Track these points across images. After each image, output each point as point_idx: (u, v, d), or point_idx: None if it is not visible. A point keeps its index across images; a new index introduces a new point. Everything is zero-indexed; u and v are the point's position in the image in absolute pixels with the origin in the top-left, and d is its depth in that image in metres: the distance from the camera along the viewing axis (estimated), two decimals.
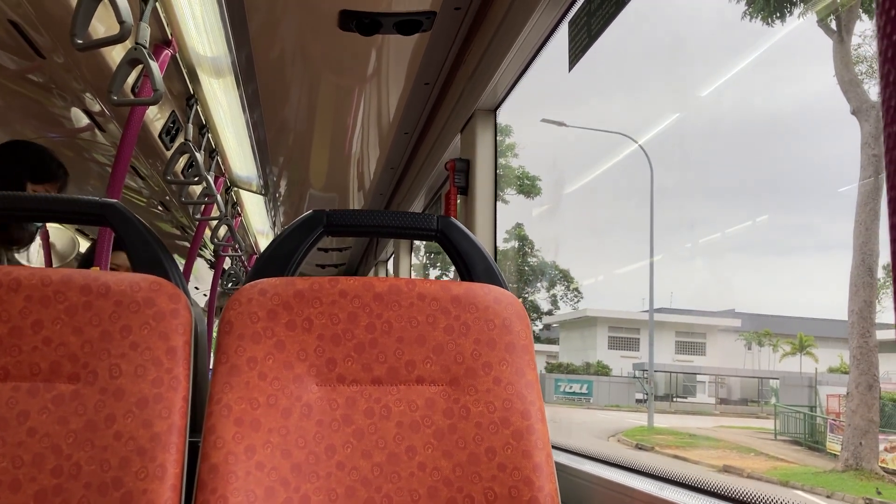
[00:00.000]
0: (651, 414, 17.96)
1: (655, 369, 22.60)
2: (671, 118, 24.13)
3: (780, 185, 29.58)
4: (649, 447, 14.64)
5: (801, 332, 23.19)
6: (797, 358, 23.09)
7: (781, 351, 23.79)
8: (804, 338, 23.13)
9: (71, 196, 1.11)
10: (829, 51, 10.45)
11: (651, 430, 16.94)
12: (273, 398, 0.99)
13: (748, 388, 23.37)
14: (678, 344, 26.95)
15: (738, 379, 23.42)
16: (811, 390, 15.60)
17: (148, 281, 1.03)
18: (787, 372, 21.09)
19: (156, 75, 1.75)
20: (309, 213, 1.13)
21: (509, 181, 23.56)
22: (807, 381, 17.13)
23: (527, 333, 1.10)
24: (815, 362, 22.03)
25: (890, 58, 0.38)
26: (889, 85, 0.38)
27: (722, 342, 26.58)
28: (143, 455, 0.94)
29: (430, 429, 1.03)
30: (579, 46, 1.44)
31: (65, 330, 0.99)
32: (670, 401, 23.00)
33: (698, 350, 27.03)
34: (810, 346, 23.03)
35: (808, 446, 13.70)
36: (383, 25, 1.96)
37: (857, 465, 9.65)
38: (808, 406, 14.90)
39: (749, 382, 23.45)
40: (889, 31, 0.38)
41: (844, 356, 21.40)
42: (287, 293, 1.04)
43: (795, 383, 17.90)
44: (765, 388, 22.56)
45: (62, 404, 0.97)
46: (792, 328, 23.57)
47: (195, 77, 2.54)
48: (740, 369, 24.33)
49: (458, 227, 1.16)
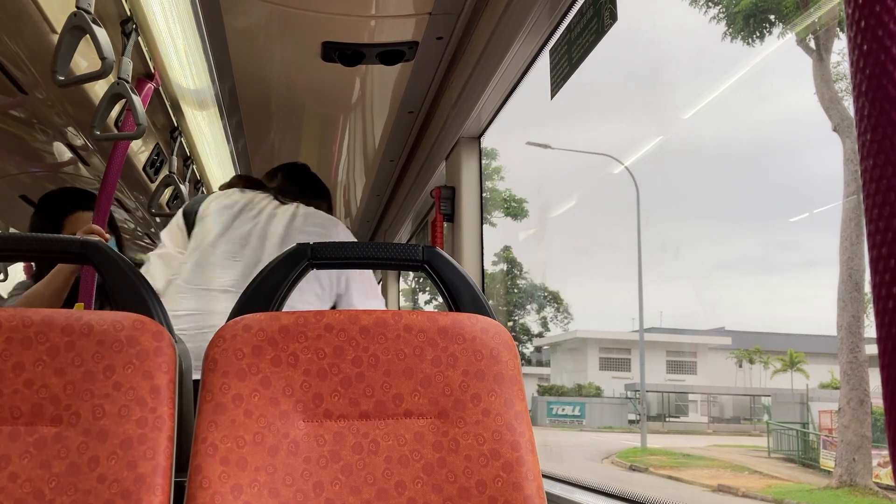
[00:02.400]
0: (644, 435, 17.85)
1: (647, 389, 22.53)
2: (654, 141, 24.30)
3: (763, 204, 29.81)
4: (643, 468, 14.54)
5: (791, 349, 23.21)
6: (788, 375, 23.08)
7: (772, 368, 23.80)
8: (794, 354, 23.13)
9: (52, 235, 1.10)
10: (807, 70, 10.59)
11: (644, 451, 16.83)
12: (259, 436, 0.98)
13: (740, 406, 23.32)
14: (669, 363, 26.91)
15: (730, 397, 23.36)
16: (803, 407, 15.53)
17: (131, 319, 1.02)
18: (779, 389, 21.05)
19: (139, 109, 1.75)
20: (293, 246, 1.12)
21: (496, 204, 23.59)
22: (798, 397, 17.07)
23: (515, 363, 1.09)
24: (805, 378, 22.03)
25: (861, 68, 0.38)
26: (861, 95, 0.38)
27: (713, 361, 26.57)
28: (127, 498, 0.92)
29: (419, 463, 1.02)
30: (561, 74, 1.45)
31: (46, 371, 0.97)
32: (663, 420, 22.90)
33: (689, 369, 27.00)
34: (801, 362, 23.04)
35: (802, 463, 13.64)
36: (366, 56, 1.97)
37: (851, 481, 9.59)
38: (800, 423, 14.84)
39: (741, 400, 23.40)
40: (860, 41, 0.38)
41: (835, 371, 21.44)
42: (272, 328, 1.03)
43: (787, 400, 17.84)
44: (756, 405, 22.49)
45: (44, 448, 0.95)
46: (782, 345, 23.60)
47: (179, 110, 2.54)
48: (731, 387, 24.30)
49: (444, 257, 1.15)
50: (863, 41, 0.39)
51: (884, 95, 0.37)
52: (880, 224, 0.37)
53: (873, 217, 0.38)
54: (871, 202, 0.38)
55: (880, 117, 0.37)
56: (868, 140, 0.38)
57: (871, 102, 0.38)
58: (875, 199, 0.37)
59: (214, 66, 2.18)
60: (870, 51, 0.38)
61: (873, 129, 0.38)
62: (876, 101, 0.38)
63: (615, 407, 23.94)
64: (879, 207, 0.37)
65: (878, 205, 0.37)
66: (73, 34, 1.53)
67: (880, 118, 0.37)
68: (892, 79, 0.37)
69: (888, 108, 0.37)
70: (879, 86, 0.37)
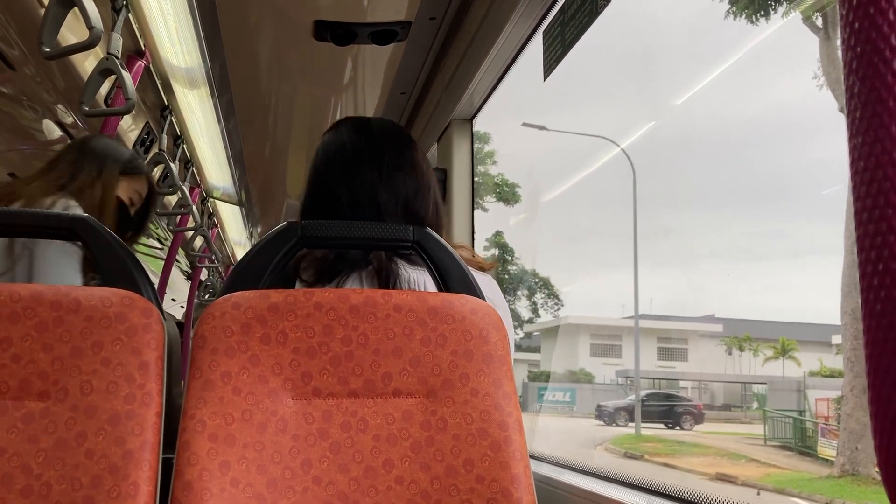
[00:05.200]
0: (638, 421, 17.62)
1: (640, 376, 22.55)
2: (646, 127, 24.24)
3: (751, 193, 29.85)
4: (638, 455, 14.25)
5: (783, 337, 23.22)
6: (780, 362, 23.10)
7: (763, 356, 23.87)
8: (786, 342, 23.14)
9: (41, 210, 1.09)
10: (802, 56, 10.52)
11: (638, 438, 16.55)
12: (248, 413, 0.98)
13: (731, 393, 23.27)
14: (660, 350, 26.87)
15: (721, 384, 23.31)
16: (799, 394, 15.38)
17: (119, 296, 1.01)
18: (774, 376, 21.01)
19: (128, 84, 1.74)
20: (283, 224, 1.12)
21: (488, 189, 23.44)
22: (794, 385, 16.88)
23: (504, 344, 1.09)
24: (797, 366, 22.07)
25: (855, 69, 0.38)
26: (854, 97, 0.38)
27: (704, 348, 26.58)
28: (115, 473, 0.92)
29: (407, 441, 1.02)
30: (554, 56, 1.45)
31: (34, 347, 0.97)
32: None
33: (680, 356, 26.99)
34: (793, 349, 23.04)
35: (799, 451, 13.38)
36: (358, 35, 1.96)
37: (853, 471, 9.38)
38: (796, 410, 14.71)
39: (732, 388, 23.32)
40: (853, 43, 0.38)
41: (824, 359, 21.50)
42: (261, 306, 1.03)
43: (783, 388, 17.67)
44: (747, 393, 22.43)
45: (32, 422, 0.95)
46: (771, 333, 23.66)
47: (169, 88, 2.53)
48: (723, 374, 24.25)
49: (434, 238, 1.15)
50: (857, 43, 0.38)
51: (874, 73, 0.37)
52: (867, 202, 0.37)
53: (860, 195, 0.38)
54: (860, 205, 0.38)
55: (870, 95, 0.37)
56: (859, 143, 0.38)
57: (861, 80, 0.38)
58: (863, 177, 0.38)
59: (206, 44, 2.16)
60: (861, 29, 0.38)
61: (863, 106, 0.38)
62: (867, 78, 0.38)
63: (606, 393, 23.93)
64: (867, 185, 0.37)
65: (865, 182, 0.37)
66: (60, 4, 1.52)
67: (870, 96, 0.37)
68: (883, 57, 0.37)
69: (878, 85, 0.37)
70: (870, 63, 0.37)
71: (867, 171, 0.37)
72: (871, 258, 0.36)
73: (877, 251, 0.36)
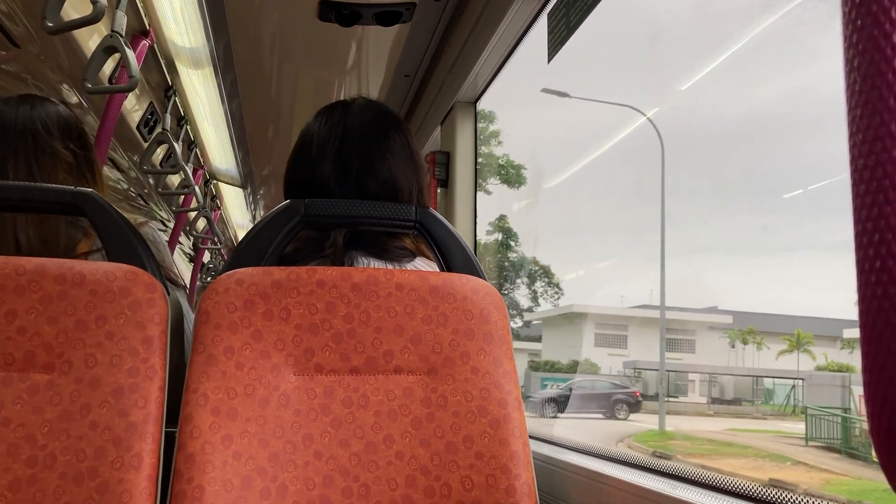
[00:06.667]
0: (662, 417, 16.23)
1: (646, 367, 22.17)
2: (648, 113, 23.92)
3: (749, 186, 29.60)
4: (668, 455, 12.70)
5: (798, 329, 22.71)
6: (794, 355, 22.56)
7: (766, 348, 23.56)
8: (802, 335, 22.63)
9: (44, 185, 1.09)
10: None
11: (663, 434, 15.35)
12: (250, 388, 0.99)
13: (740, 387, 22.47)
14: (667, 341, 26.43)
15: (731, 377, 22.65)
16: (844, 390, 14.36)
17: (123, 270, 1.02)
18: (812, 372, 20.16)
19: (132, 62, 1.74)
20: (286, 202, 1.12)
21: (492, 170, 22.86)
22: (837, 380, 15.85)
23: (504, 323, 1.10)
24: (812, 359, 21.59)
25: (856, 67, 0.38)
26: (854, 94, 0.38)
27: (711, 340, 26.19)
28: (118, 445, 0.93)
29: (407, 418, 1.03)
30: (558, 38, 1.45)
31: (39, 319, 0.98)
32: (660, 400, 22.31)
33: (688, 347, 26.54)
34: (808, 343, 22.47)
35: (848, 454, 12.14)
36: (363, 16, 1.96)
37: None
38: (839, 408, 13.64)
39: (741, 381, 22.53)
40: (855, 40, 0.38)
41: (829, 354, 21.19)
42: (264, 283, 1.04)
43: (823, 383, 16.57)
44: (758, 387, 21.67)
45: (37, 394, 0.96)
46: (780, 326, 23.35)
47: (173, 68, 2.52)
48: (735, 367, 23.53)
49: (437, 218, 1.16)
50: (858, 40, 0.38)
51: (875, 71, 0.37)
52: (866, 199, 0.37)
53: (859, 192, 0.38)
54: (857, 177, 0.38)
55: (871, 93, 0.37)
56: (860, 141, 0.38)
57: (862, 78, 0.38)
58: (862, 175, 0.37)
59: (210, 24, 2.16)
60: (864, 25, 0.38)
61: (864, 104, 0.38)
62: (868, 76, 0.38)
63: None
64: (866, 183, 0.37)
65: (864, 180, 0.37)
66: None
67: (871, 94, 0.37)
68: (884, 56, 0.37)
69: (879, 83, 0.37)
70: (872, 61, 0.37)
71: (866, 169, 0.37)
72: (868, 255, 0.37)
73: (875, 249, 0.36)
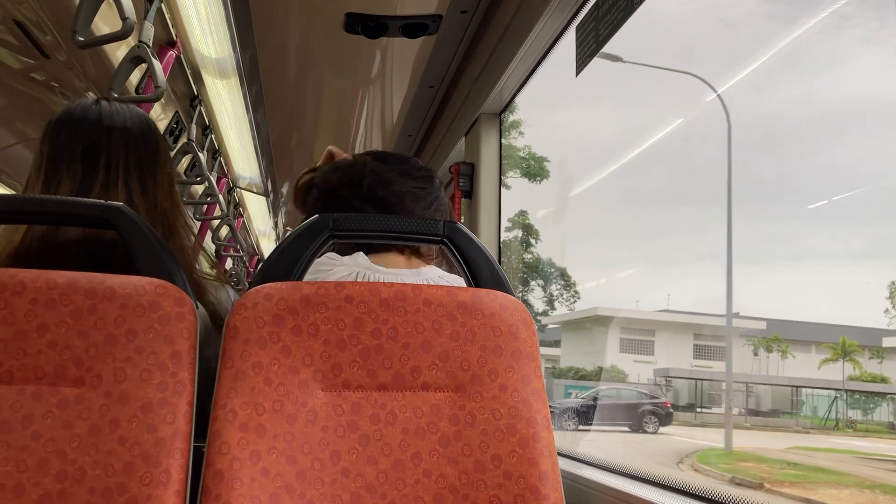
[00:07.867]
0: (729, 434, 13.74)
1: (677, 375, 21.16)
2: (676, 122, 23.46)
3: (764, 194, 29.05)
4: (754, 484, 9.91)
5: (843, 337, 21.68)
6: (839, 364, 21.47)
7: (791, 357, 22.89)
8: (847, 342, 21.58)
9: (73, 198, 1.10)
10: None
11: (730, 455, 12.81)
12: (278, 404, 0.99)
13: (777, 397, 20.62)
14: (696, 348, 24.78)
15: (768, 388, 20.60)
16: None
17: (153, 285, 1.02)
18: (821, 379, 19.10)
19: (158, 72, 1.75)
20: (315, 217, 1.12)
21: (513, 163, 21.91)
22: None
23: (532, 340, 1.09)
24: (858, 369, 20.50)
25: None
26: None
27: (743, 346, 24.93)
28: (147, 460, 0.93)
29: (435, 435, 1.02)
30: (587, 51, 1.44)
31: (70, 333, 0.98)
32: (694, 412, 20.38)
33: (718, 355, 25.09)
34: (854, 351, 21.35)
35: None
36: (389, 28, 1.96)
37: None
38: None
39: (777, 392, 20.60)
40: None
41: (863, 363, 20.35)
42: (293, 298, 1.03)
43: None
44: (797, 398, 20.02)
45: (67, 408, 0.96)
46: (806, 334, 22.48)
47: (199, 78, 2.54)
48: (774, 377, 21.82)
49: (464, 233, 1.15)
50: None
51: None
52: None
53: None
54: None
55: None
56: None
57: None
58: None
59: (237, 34, 2.17)
60: None
61: None
62: None
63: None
64: None
65: None
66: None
67: None
68: None
69: None
70: None
71: None
72: None
73: None
